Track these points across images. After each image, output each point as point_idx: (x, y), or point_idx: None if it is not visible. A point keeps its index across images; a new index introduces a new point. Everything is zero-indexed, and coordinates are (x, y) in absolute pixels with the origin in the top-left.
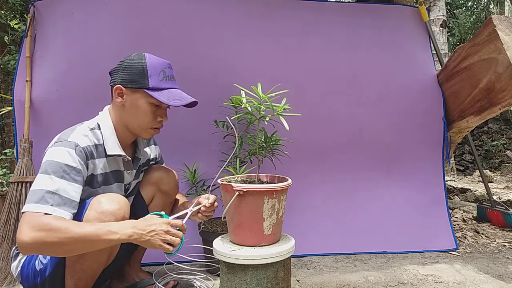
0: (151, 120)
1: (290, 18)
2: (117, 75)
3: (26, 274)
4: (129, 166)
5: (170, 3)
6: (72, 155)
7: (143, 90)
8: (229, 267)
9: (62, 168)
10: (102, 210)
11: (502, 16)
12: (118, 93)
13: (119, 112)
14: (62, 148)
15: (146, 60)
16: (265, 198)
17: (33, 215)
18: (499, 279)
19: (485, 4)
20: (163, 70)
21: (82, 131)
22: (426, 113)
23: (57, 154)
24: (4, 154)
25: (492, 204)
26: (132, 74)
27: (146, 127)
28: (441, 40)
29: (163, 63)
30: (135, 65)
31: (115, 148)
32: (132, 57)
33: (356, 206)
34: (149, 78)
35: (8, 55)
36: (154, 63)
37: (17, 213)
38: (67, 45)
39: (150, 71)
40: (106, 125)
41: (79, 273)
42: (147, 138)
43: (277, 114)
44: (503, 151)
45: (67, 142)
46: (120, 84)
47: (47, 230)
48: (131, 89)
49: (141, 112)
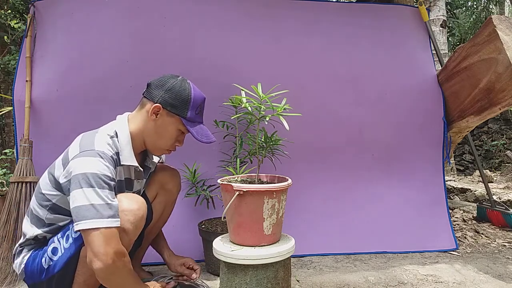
0: (172, 143)
1: (290, 18)
2: (158, 93)
3: (30, 271)
4: (140, 175)
5: (170, 3)
6: (106, 164)
7: (180, 117)
8: (229, 267)
9: (101, 179)
10: (122, 208)
11: (502, 16)
12: (155, 111)
13: (144, 125)
14: (93, 159)
15: (191, 91)
16: (265, 198)
17: (110, 234)
18: (499, 279)
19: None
20: (200, 105)
21: (104, 139)
22: (426, 113)
23: (93, 165)
24: (4, 154)
25: (492, 204)
26: (175, 100)
27: (164, 148)
28: (441, 40)
29: (202, 98)
30: (181, 92)
31: (130, 159)
32: (177, 82)
33: (356, 206)
34: (190, 110)
35: (8, 55)
36: (197, 96)
37: (17, 213)
38: (67, 45)
39: (192, 104)
40: (123, 134)
41: (89, 271)
42: (156, 155)
43: (277, 114)
44: (503, 151)
45: (95, 152)
46: (160, 103)
47: (124, 260)
48: (168, 112)
49: (168, 135)
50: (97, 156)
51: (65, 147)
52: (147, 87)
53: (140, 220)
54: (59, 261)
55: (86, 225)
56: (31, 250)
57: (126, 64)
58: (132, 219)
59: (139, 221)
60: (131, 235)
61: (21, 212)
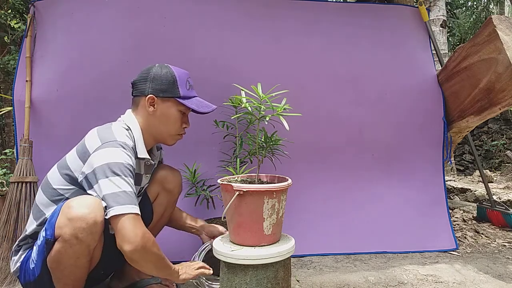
0: (179, 126)
1: (290, 18)
2: (144, 85)
3: (24, 270)
4: (149, 170)
5: (170, 3)
6: (129, 154)
7: (174, 99)
8: (229, 267)
9: (127, 168)
10: (71, 216)
11: (502, 16)
12: (150, 103)
13: (148, 120)
14: (118, 149)
15: (173, 70)
16: (265, 198)
17: (137, 219)
18: (499, 279)
19: (485, 4)
20: (187, 80)
21: (123, 131)
22: (426, 113)
23: (117, 155)
24: (4, 154)
25: (492, 204)
26: (163, 84)
27: (174, 133)
28: (441, 40)
29: (186, 73)
30: (165, 76)
31: (144, 152)
32: (158, 68)
33: (356, 206)
34: (179, 88)
35: (8, 55)
36: (180, 73)
37: (17, 213)
38: (67, 45)
39: (179, 82)
40: (136, 129)
41: (63, 279)
42: (171, 144)
43: (277, 114)
44: (503, 151)
45: (117, 142)
46: (152, 94)
47: (152, 240)
48: (162, 98)
49: (172, 119)
50: (119, 147)
51: (65, 147)
52: (132, 87)
53: (94, 225)
54: (36, 266)
55: (116, 210)
56: (27, 249)
57: (126, 64)
58: (85, 226)
59: (92, 226)
60: (88, 243)
61: (21, 212)
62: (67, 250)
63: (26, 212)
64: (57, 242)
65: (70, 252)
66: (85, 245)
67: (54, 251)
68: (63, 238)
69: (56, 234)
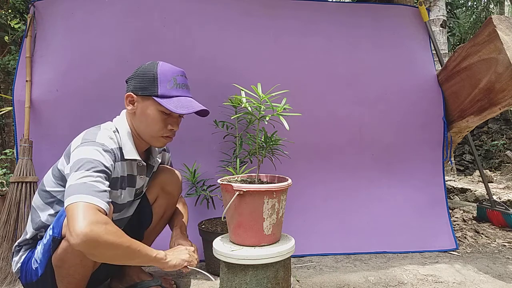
0: (161, 128)
1: (290, 17)
2: (129, 83)
3: (25, 271)
4: (143, 171)
5: (170, 3)
6: (103, 155)
7: (152, 97)
8: (229, 267)
9: (96, 165)
10: None
11: (502, 16)
12: (129, 101)
13: (132, 120)
14: (93, 148)
15: (158, 67)
16: (265, 198)
17: (89, 207)
18: (499, 279)
19: (485, 4)
20: (174, 78)
21: (107, 133)
22: (426, 113)
23: (90, 153)
24: (4, 154)
25: (492, 204)
26: (143, 82)
27: (157, 135)
28: (441, 40)
29: (175, 70)
30: (147, 73)
31: (132, 152)
32: (145, 65)
33: (356, 206)
34: (159, 85)
35: (8, 55)
36: (166, 70)
37: (17, 213)
38: (67, 45)
39: (160, 79)
40: (123, 129)
41: (66, 277)
42: (158, 146)
43: (277, 114)
44: (503, 151)
45: (96, 143)
46: (132, 91)
47: (105, 227)
48: (141, 96)
49: (150, 120)
50: (95, 146)
51: (65, 147)
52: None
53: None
54: (40, 265)
55: (67, 201)
56: (28, 250)
57: (126, 64)
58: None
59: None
60: None
61: (21, 212)
62: (73, 250)
63: (26, 212)
64: (63, 240)
65: (76, 251)
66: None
67: (61, 249)
68: None
69: (63, 233)
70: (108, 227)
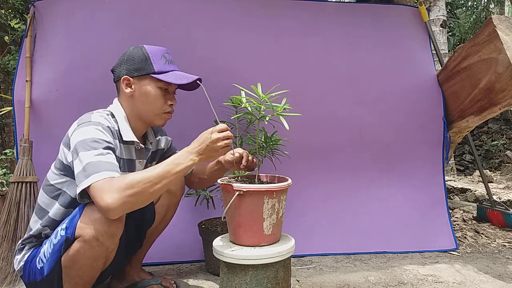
0: (162, 104)
1: (290, 18)
2: (120, 68)
3: (28, 270)
4: (141, 155)
5: (170, 3)
6: (101, 131)
7: (150, 75)
8: (229, 267)
9: (97, 142)
10: (94, 218)
11: (502, 16)
12: (126, 84)
13: (130, 103)
14: (89, 127)
15: (146, 49)
16: (265, 198)
17: (104, 182)
18: (499, 279)
19: (485, 4)
20: (164, 55)
21: (101, 114)
22: (426, 113)
23: (88, 133)
24: (4, 154)
25: (492, 204)
26: (136, 63)
27: (159, 112)
28: (441, 40)
29: (161, 49)
30: (137, 55)
31: (129, 134)
32: (131, 50)
33: (356, 206)
34: (153, 63)
35: (8, 55)
36: (154, 49)
37: (17, 213)
38: (67, 45)
39: (152, 58)
40: (119, 114)
41: (75, 278)
42: (160, 124)
43: (277, 114)
44: (503, 151)
45: (91, 122)
46: (126, 75)
47: (129, 187)
48: (138, 77)
49: (151, 97)
50: (94, 125)
51: None
52: (112, 74)
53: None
54: (46, 265)
55: (88, 181)
56: (32, 248)
57: None
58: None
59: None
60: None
61: (21, 212)
62: (86, 251)
63: (26, 212)
64: (76, 241)
65: (88, 253)
66: (104, 247)
67: (73, 250)
68: (83, 239)
69: (76, 234)
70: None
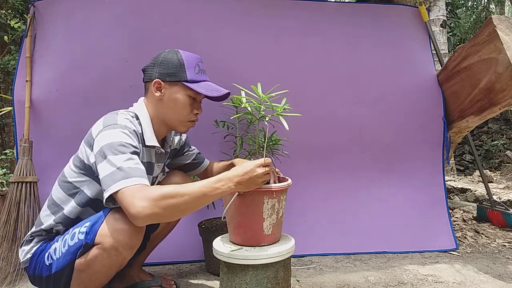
0: (189, 112)
1: (290, 18)
2: (153, 70)
3: (35, 263)
4: (160, 159)
5: (170, 3)
6: (128, 135)
7: (182, 83)
8: (229, 267)
9: (125, 146)
10: (116, 228)
11: (502, 16)
12: (157, 87)
13: (157, 107)
14: (116, 130)
15: (181, 54)
16: (265, 198)
17: (134, 188)
18: (499, 279)
19: (485, 4)
20: (198, 64)
21: (126, 116)
22: (426, 113)
23: (115, 136)
24: (4, 154)
25: (492, 204)
26: (169, 68)
27: (184, 119)
28: (441, 40)
29: (196, 57)
30: (172, 60)
31: (152, 139)
32: (166, 53)
33: (356, 206)
34: (187, 71)
35: (8, 55)
36: (189, 56)
37: (17, 213)
38: (67, 45)
39: (186, 65)
40: (144, 116)
41: (86, 282)
42: (183, 131)
43: (277, 114)
44: (503, 151)
45: (118, 125)
46: (158, 78)
47: (161, 199)
48: (169, 82)
49: (180, 104)
50: (120, 128)
51: (65, 147)
52: (143, 73)
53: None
54: (55, 262)
55: (116, 186)
56: (41, 241)
57: (126, 64)
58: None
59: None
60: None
61: (21, 212)
62: (103, 259)
63: (26, 212)
64: (95, 248)
65: (106, 261)
66: (121, 257)
67: (90, 255)
68: (103, 247)
69: (96, 241)
70: (165, 200)
